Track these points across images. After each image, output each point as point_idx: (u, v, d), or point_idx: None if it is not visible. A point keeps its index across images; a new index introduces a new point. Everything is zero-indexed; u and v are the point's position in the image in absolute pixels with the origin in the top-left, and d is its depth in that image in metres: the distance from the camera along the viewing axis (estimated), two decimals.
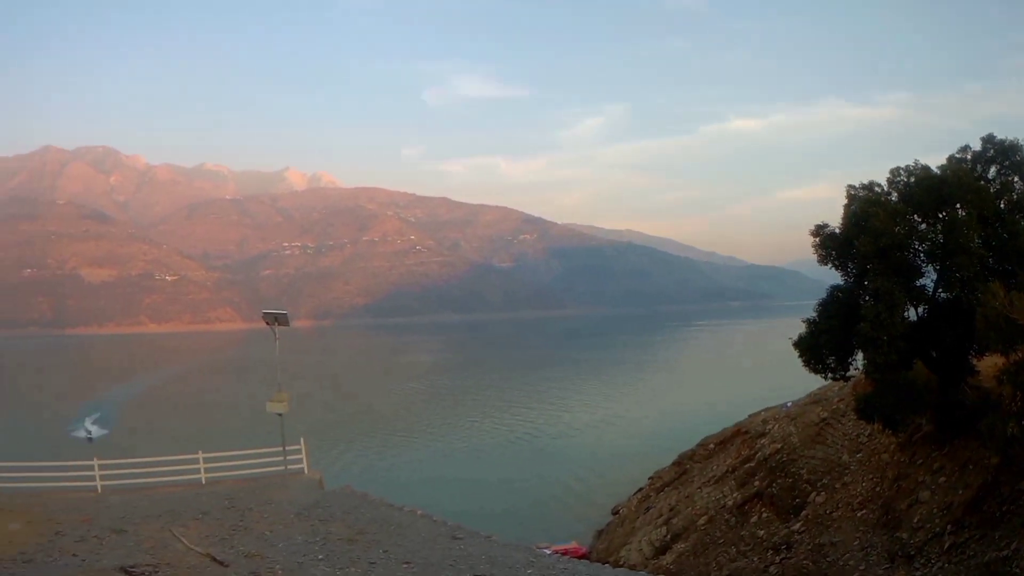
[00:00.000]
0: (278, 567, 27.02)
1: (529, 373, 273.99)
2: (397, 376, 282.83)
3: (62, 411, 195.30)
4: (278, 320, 43.97)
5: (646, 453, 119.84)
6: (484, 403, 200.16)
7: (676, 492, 78.85)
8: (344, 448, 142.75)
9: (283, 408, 43.62)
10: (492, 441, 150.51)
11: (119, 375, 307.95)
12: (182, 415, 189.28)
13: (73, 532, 31.93)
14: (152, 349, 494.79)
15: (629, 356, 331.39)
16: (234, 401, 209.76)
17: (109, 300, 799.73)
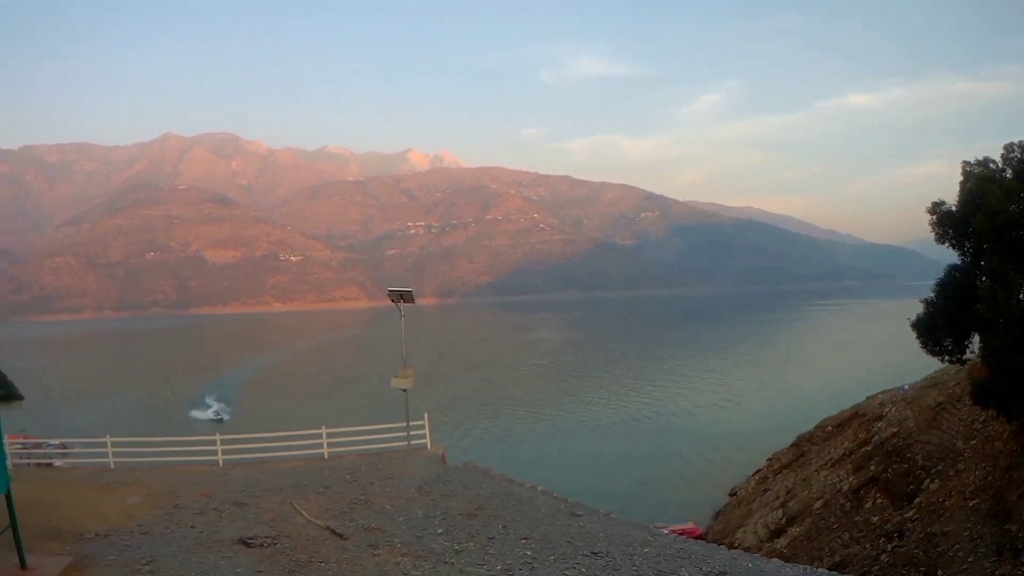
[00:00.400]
0: (397, 540, 26.73)
1: (651, 351, 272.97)
2: (522, 353, 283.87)
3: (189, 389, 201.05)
4: (403, 297, 43.71)
5: (765, 434, 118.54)
6: (607, 381, 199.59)
7: (793, 475, 77.60)
8: (468, 424, 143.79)
9: (408, 384, 43.35)
10: (614, 419, 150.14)
11: (244, 353, 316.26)
12: (307, 391, 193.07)
13: (192, 505, 32.22)
14: (277, 327, 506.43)
15: (750, 335, 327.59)
16: (359, 377, 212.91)
17: (233, 280, 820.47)
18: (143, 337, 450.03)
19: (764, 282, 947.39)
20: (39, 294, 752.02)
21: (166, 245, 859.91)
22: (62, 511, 30.66)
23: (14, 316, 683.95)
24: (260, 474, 38.49)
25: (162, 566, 23.82)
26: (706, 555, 25.38)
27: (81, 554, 24.76)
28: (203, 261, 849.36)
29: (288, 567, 23.84)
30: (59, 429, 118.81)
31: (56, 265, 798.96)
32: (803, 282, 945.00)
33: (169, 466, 41.72)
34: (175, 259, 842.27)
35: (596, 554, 25.12)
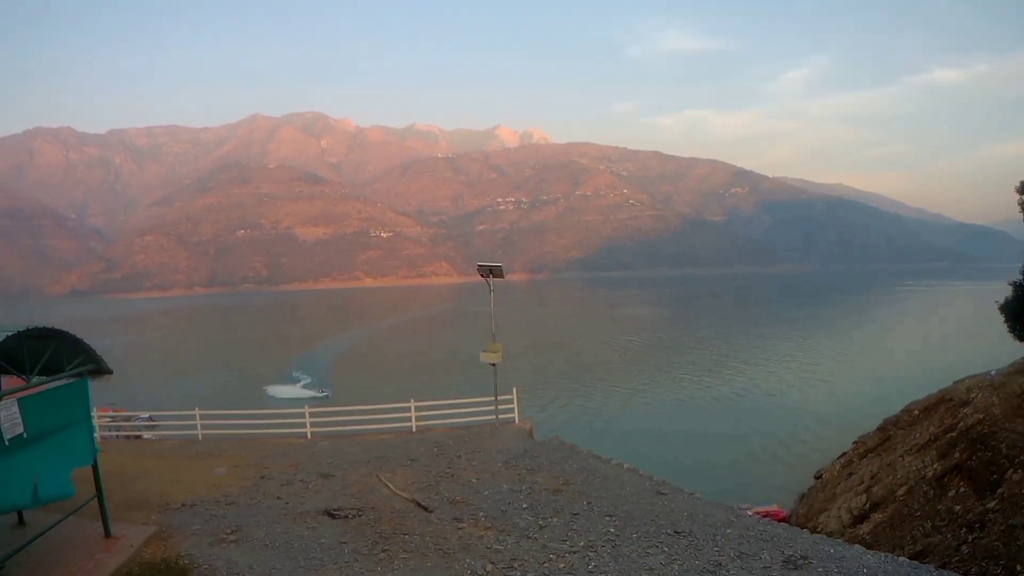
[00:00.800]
0: (481, 514, 26.95)
1: (741, 329, 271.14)
2: (612, 329, 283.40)
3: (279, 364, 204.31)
4: (493, 272, 43.60)
5: (852, 416, 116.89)
6: (696, 358, 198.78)
7: (878, 459, 76.03)
8: (556, 399, 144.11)
9: (497, 358, 43.31)
10: (702, 396, 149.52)
11: (334, 328, 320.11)
12: (396, 366, 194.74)
13: (279, 476, 32.75)
14: (368, 302, 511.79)
15: (839, 314, 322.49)
16: (448, 352, 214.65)
17: (324, 257, 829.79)
18: (233, 313, 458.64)
19: (852, 261, 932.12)
20: (130, 272, 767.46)
21: (256, 223, 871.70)
22: (149, 482, 31.35)
23: (105, 294, 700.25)
24: (348, 446, 38.93)
25: (247, 536, 24.19)
26: (788, 538, 24.99)
27: (166, 523, 25.28)
28: (294, 238, 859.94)
29: (372, 539, 24.11)
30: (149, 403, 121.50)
31: (147, 244, 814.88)
32: (891, 262, 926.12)
33: (257, 438, 42.26)
34: (266, 236, 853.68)
35: (679, 533, 25.04)
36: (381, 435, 42.37)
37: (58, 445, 20.68)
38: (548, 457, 35.39)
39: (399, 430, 43.52)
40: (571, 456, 35.93)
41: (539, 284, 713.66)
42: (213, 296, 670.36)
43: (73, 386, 21.96)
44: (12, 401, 18.96)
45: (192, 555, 22.16)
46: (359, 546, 23.40)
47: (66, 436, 21.17)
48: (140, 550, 22.27)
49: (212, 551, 22.74)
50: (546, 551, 23.15)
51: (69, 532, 22.87)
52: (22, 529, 23.12)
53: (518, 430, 41.79)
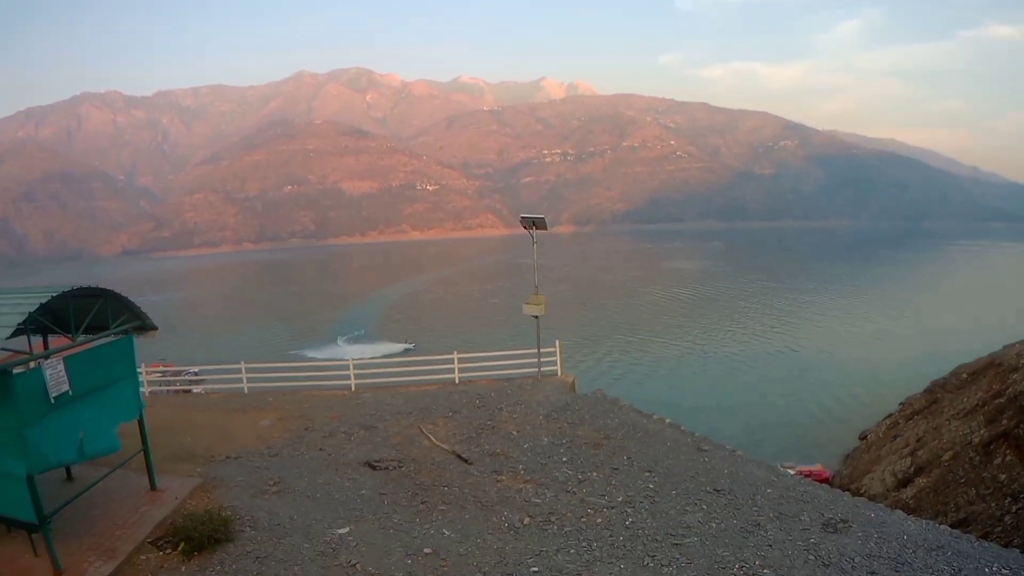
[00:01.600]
0: (521, 467, 27.12)
1: (791, 284, 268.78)
2: (659, 283, 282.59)
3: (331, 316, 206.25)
4: (536, 224, 43.39)
5: (900, 377, 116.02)
6: (744, 313, 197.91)
7: (925, 422, 75.42)
8: (601, 352, 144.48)
9: (540, 311, 43.25)
10: (749, 353, 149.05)
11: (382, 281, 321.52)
12: (442, 318, 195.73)
13: (322, 428, 33.07)
14: (415, 255, 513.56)
15: (890, 273, 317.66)
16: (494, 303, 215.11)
17: (371, 211, 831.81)
18: (283, 267, 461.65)
19: (904, 218, 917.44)
20: (179, 230, 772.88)
21: (303, 178, 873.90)
22: (195, 435, 31.76)
23: (156, 252, 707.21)
24: (391, 398, 39.10)
25: (289, 487, 24.53)
26: (829, 500, 24.89)
27: (211, 475, 25.69)
28: (341, 192, 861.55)
29: (412, 490, 24.40)
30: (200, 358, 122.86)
31: (195, 202, 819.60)
32: (945, 220, 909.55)
33: (302, 391, 42.66)
34: (313, 191, 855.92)
35: (718, 491, 25.05)
36: (424, 387, 42.50)
37: (104, 401, 21.06)
38: (589, 411, 35.35)
39: (442, 382, 43.58)
40: (612, 410, 35.88)
41: (585, 236, 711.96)
42: (262, 251, 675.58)
43: (119, 343, 22.30)
44: (58, 360, 19.29)
45: (235, 506, 22.54)
46: (399, 497, 23.69)
47: (112, 392, 21.54)
48: (184, 502, 22.69)
49: (254, 502, 23.10)
50: (584, 505, 23.29)
51: (116, 485, 23.32)
52: (70, 483, 23.59)
53: (560, 383, 41.75)
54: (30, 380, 18.20)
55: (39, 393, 18.33)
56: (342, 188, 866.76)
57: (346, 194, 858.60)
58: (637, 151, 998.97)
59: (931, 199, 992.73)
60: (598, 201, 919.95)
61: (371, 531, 21.42)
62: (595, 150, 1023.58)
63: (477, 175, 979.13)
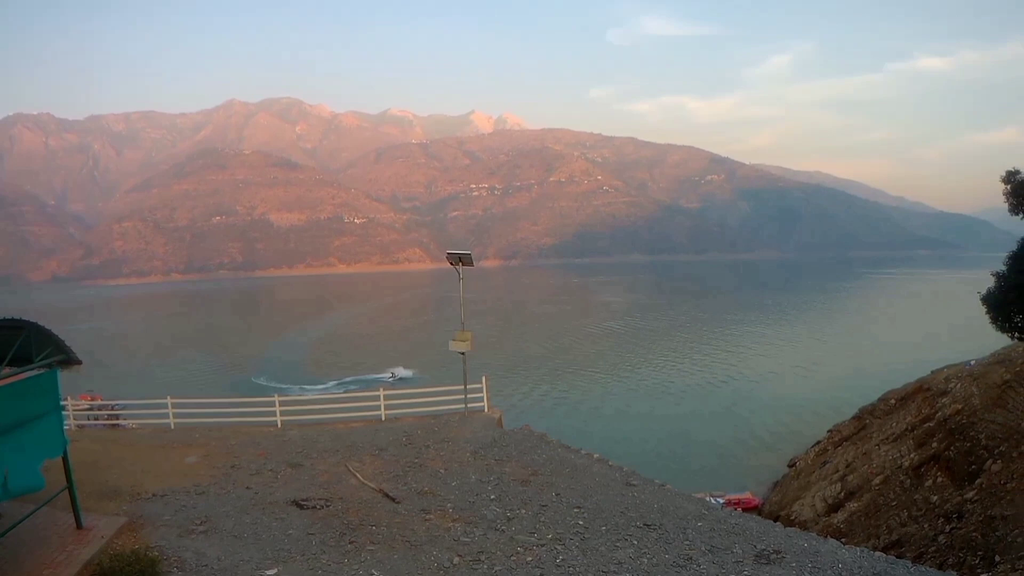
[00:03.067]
0: (449, 505, 27.01)
1: (717, 317, 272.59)
2: (586, 316, 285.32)
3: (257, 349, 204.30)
4: (462, 260, 43.54)
5: (828, 404, 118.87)
6: (669, 346, 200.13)
7: (854, 448, 76.90)
8: (528, 388, 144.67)
9: (466, 347, 43.29)
10: (677, 384, 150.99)
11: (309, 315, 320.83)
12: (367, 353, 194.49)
13: (249, 466, 32.75)
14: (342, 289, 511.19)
15: (817, 303, 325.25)
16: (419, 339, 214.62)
17: (299, 243, 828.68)
18: (209, 299, 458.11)
19: (832, 249, 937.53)
20: (108, 258, 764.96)
21: (232, 209, 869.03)
22: (122, 470, 31.34)
23: (85, 280, 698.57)
24: (317, 435, 38.88)
25: (216, 526, 24.25)
26: (761, 531, 25.17)
27: (137, 514, 25.28)
28: (269, 224, 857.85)
29: (340, 530, 24.21)
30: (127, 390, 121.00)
31: (124, 230, 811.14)
32: (871, 250, 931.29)
33: (228, 426, 42.19)
34: (241, 222, 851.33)
35: (649, 526, 25.10)
36: (351, 423, 42.38)
37: (27, 437, 20.61)
38: (517, 447, 35.46)
39: (369, 419, 43.45)
40: (540, 446, 36.01)
41: (513, 270, 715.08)
42: (190, 282, 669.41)
43: (42, 377, 21.92)
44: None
45: (162, 546, 22.17)
46: (327, 537, 23.49)
47: (35, 427, 21.13)
48: (111, 541, 22.28)
49: (181, 542, 22.77)
50: (513, 543, 23.24)
51: (42, 523, 22.86)
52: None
53: (487, 419, 41.85)
54: None
55: None
56: (270, 220, 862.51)
57: (274, 226, 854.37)
58: (564, 185, 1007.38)
59: (858, 229, 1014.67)
60: (525, 235, 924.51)
61: (299, 572, 21.17)
62: (522, 184, 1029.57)
63: (405, 208, 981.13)
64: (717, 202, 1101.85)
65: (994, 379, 62.41)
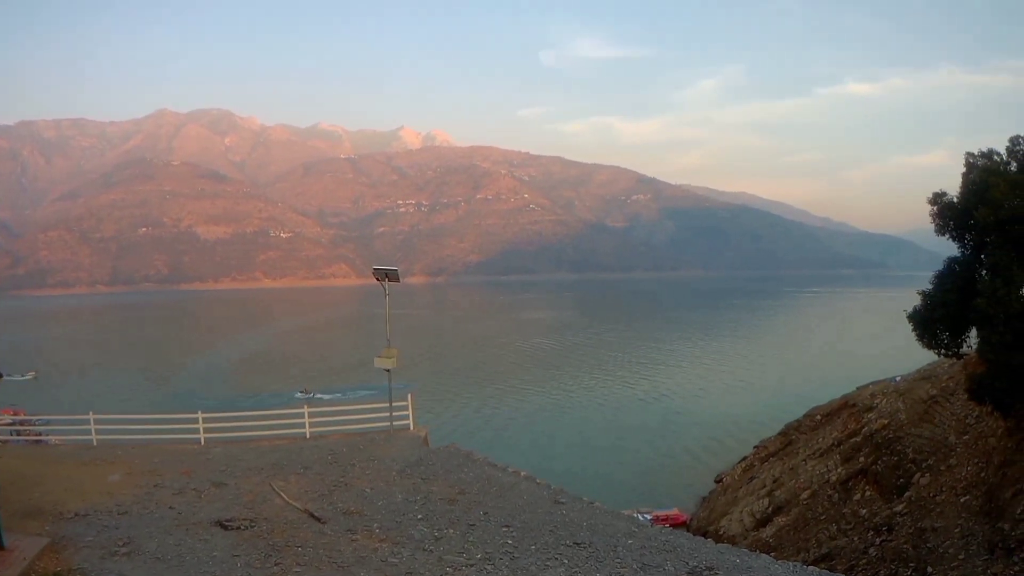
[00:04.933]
0: (376, 525, 26.59)
1: (641, 334, 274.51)
2: (512, 333, 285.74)
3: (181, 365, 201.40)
4: (388, 276, 43.49)
5: (753, 421, 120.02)
6: (597, 363, 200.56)
7: (781, 463, 77.91)
8: (454, 405, 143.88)
9: (391, 364, 43.24)
10: (602, 401, 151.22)
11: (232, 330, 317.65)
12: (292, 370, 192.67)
13: (172, 484, 32.06)
14: (267, 304, 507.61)
15: (741, 320, 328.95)
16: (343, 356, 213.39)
17: (225, 256, 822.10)
18: (134, 312, 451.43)
19: (757, 268, 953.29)
20: (34, 268, 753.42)
21: (159, 220, 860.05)
22: (44, 488, 30.54)
23: (10, 290, 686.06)
24: (242, 453, 38.41)
25: (138, 548, 23.66)
26: (692, 548, 25.27)
27: (60, 534, 24.60)
28: (195, 236, 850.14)
29: (264, 551, 23.68)
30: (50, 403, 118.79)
31: (51, 239, 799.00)
32: (797, 269, 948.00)
33: (151, 443, 41.52)
34: (168, 234, 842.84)
35: (579, 544, 25.00)
36: (275, 441, 41.93)
37: None
38: (443, 465, 35.37)
39: (293, 436, 43.11)
40: (467, 464, 35.95)
41: (439, 287, 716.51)
42: (115, 294, 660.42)
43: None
44: None
45: (84, 568, 21.52)
46: (252, 559, 22.94)
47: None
48: (33, 563, 21.70)
49: (104, 564, 22.10)
50: (442, 564, 22.93)
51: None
52: None
53: (413, 437, 41.72)
54: None
55: None
56: (197, 232, 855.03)
57: (200, 238, 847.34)
58: (491, 203, 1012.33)
59: (784, 248, 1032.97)
60: (451, 252, 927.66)
61: None
62: (449, 201, 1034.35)
63: (332, 223, 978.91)
64: (643, 221, 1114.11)
65: (920, 395, 63.67)
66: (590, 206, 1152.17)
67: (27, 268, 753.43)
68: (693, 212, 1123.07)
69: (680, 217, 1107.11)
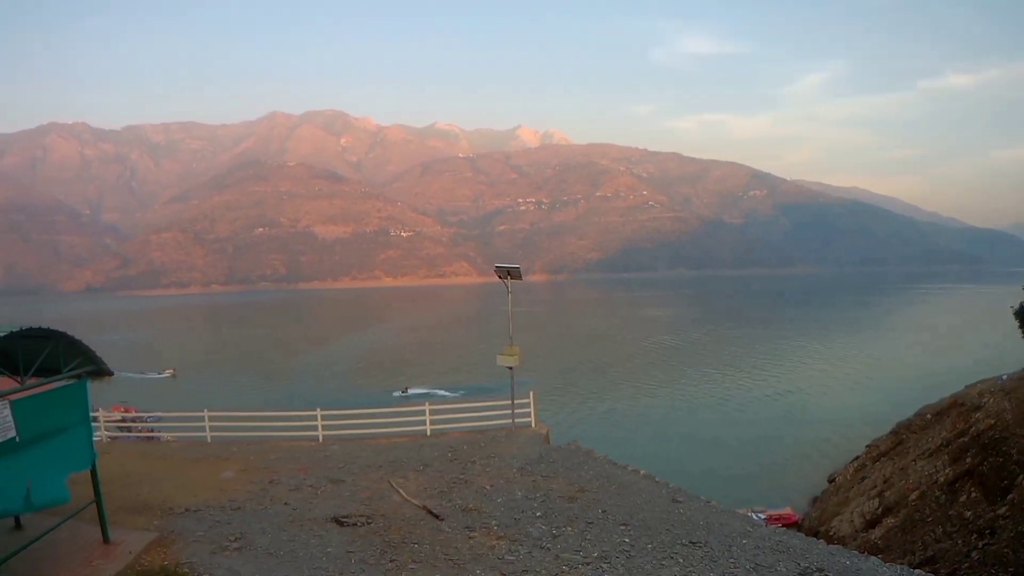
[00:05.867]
0: (494, 523, 26.44)
1: (761, 331, 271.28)
2: (633, 331, 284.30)
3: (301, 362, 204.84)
4: (511, 274, 43.04)
5: (866, 419, 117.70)
6: (714, 361, 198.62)
7: (891, 463, 75.92)
8: (576, 402, 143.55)
9: (514, 361, 42.74)
10: (720, 399, 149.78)
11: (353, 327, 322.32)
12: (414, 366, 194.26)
13: (288, 481, 32.27)
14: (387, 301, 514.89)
15: (854, 317, 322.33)
16: (466, 353, 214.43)
17: (344, 256, 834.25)
18: (252, 310, 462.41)
19: (868, 264, 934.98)
20: (146, 269, 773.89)
21: (275, 221, 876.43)
22: (153, 485, 30.96)
23: (120, 291, 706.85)
24: (360, 451, 38.48)
25: (250, 543, 23.76)
26: (804, 549, 24.57)
27: (168, 529, 24.85)
28: (313, 236, 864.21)
29: (380, 547, 23.69)
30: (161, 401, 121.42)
31: (163, 241, 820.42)
32: (906, 265, 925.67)
33: (267, 441, 41.81)
34: (285, 234, 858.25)
35: (694, 543, 24.63)
36: (395, 439, 41.83)
37: (54, 449, 20.20)
38: (564, 463, 34.93)
39: (413, 434, 42.97)
40: (587, 462, 35.42)
41: (559, 285, 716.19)
42: (230, 294, 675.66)
43: (71, 388, 21.48)
44: (4, 403, 18.46)
45: (193, 563, 21.69)
46: (366, 555, 22.93)
47: (63, 439, 20.69)
48: (139, 557, 21.81)
49: (213, 559, 22.24)
50: (559, 562, 22.66)
51: (67, 537, 22.50)
52: (19, 533, 22.73)
53: (534, 435, 41.20)
54: None
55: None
56: (314, 232, 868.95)
57: (318, 238, 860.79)
58: (610, 200, 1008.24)
59: (893, 244, 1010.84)
60: (572, 250, 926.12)
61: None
62: (569, 199, 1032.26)
63: (451, 222, 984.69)
64: (759, 217, 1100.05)
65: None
66: (707, 202, 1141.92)
67: (138, 269, 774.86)
68: (807, 208, 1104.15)
69: (794, 213, 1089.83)
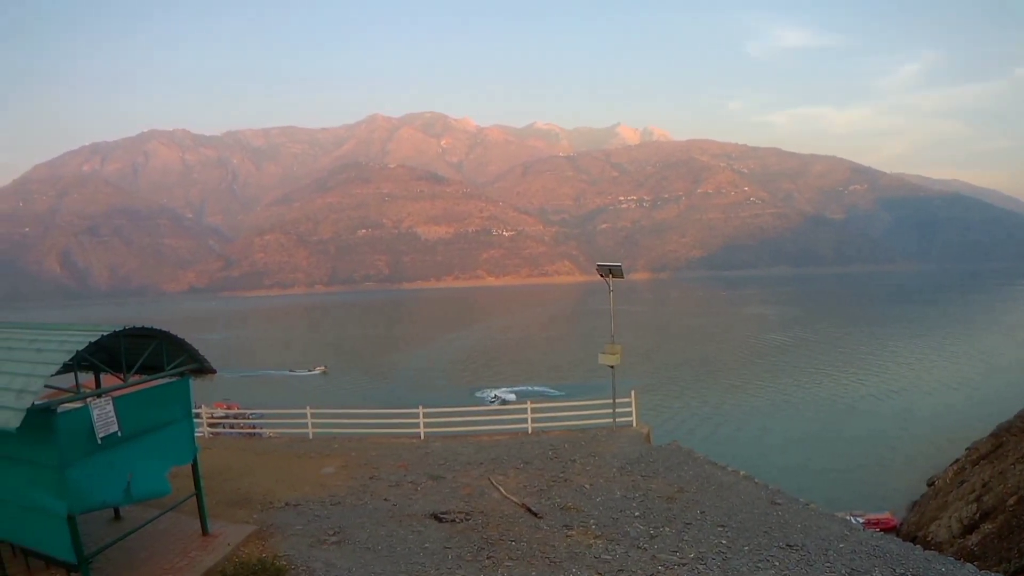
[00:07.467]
0: (592, 522, 26.32)
1: (864, 329, 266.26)
2: (738, 328, 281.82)
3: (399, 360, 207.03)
4: (612, 272, 42.83)
5: (968, 420, 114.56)
6: (819, 359, 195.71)
7: (990, 467, 73.73)
8: (678, 402, 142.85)
9: (615, 360, 42.51)
10: (824, 399, 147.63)
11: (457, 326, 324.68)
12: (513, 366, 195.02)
13: (388, 477, 32.62)
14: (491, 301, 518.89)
15: (958, 315, 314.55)
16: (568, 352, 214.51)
17: (446, 256, 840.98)
18: (357, 310, 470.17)
19: (970, 260, 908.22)
20: (249, 270, 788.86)
21: (378, 222, 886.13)
22: (254, 479, 31.56)
23: (224, 291, 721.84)
24: (461, 447, 38.76)
25: (349, 537, 24.03)
26: (901, 555, 24.02)
27: (267, 523, 25.26)
28: (416, 237, 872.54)
29: (478, 544, 23.81)
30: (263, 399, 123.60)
31: (266, 243, 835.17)
32: (1009, 260, 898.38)
33: (368, 438, 42.27)
34: (387, 235, 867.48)
35: (791, 547, 24.29)
36: (496, 436, 42.00)
37: (155, 444, 20.72)
38: (664, 463, 34.67)
39: (514, 432, 43.14)
40: (687, 462, 35.10)
41: (661, 283, 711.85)
42: (334, 294, 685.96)
43: (174, 385, 21.95)
44: (107, 400, 18.91)
45: (290, 555, 22.01)
46: (464, 551, 23.08)
47: (164, 435, 21.17)
48: (237, 549, 22.19)
49: (312, 552, 22.56)
50: (655, 562, 22.57)
51: (166, 528, 23.09)
52: (118, 523, 23.54)
53: (635, 434, 40.96)
54: (75, 419, 17.81)
55: (84, 432, 17.96)
56: (417, 233, 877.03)
57: (421, 239, 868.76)
58: (711, 197, 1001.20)
59: (995, 239, 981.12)
60: (673, 248, 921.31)
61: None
62: (670, 196, 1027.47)
63: (553, 221, 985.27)
64: (860, 212, 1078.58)
65: None
66: (808, 198, 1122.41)
67: (241, 270, 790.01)
68: (908, 202, 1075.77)
69: (895, 207, 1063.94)
